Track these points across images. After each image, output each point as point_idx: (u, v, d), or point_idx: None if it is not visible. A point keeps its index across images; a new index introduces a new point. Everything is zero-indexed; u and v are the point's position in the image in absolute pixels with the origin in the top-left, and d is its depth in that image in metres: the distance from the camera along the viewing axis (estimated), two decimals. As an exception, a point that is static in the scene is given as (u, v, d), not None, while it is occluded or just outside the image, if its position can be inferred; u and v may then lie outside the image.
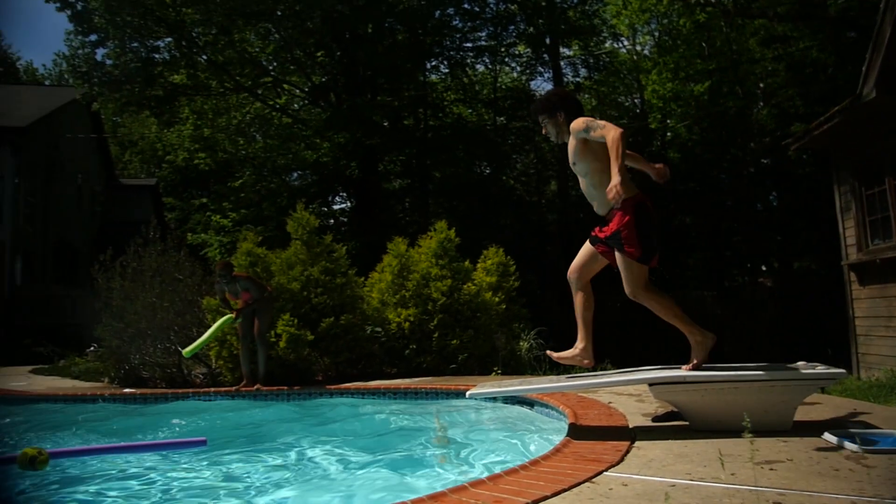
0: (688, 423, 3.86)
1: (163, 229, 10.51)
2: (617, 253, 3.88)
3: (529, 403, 5.60)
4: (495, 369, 8.32)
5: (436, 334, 8.86)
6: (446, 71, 23.56)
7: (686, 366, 3.89)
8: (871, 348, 8.53)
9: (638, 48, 24.81)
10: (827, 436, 3.39)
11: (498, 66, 24.68)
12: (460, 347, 8.80)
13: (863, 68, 8.29)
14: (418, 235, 10.14)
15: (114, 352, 8.85)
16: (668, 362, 4.41)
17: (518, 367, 8.62)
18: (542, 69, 24.20)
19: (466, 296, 9.18)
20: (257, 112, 22.04)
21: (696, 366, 3.87)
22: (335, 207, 24.76)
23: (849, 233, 9.02)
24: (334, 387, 7.49)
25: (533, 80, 24.74)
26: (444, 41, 22.31)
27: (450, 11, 21.73)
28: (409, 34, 21.44)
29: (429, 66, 22.82)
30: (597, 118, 4.09)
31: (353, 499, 3.54)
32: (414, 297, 9.09)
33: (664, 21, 20.35)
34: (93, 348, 10.57)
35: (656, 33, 22.29)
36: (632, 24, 18.48)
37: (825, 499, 2.46)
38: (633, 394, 5.43)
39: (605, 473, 2.94)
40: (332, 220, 23.45)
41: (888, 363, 7.80)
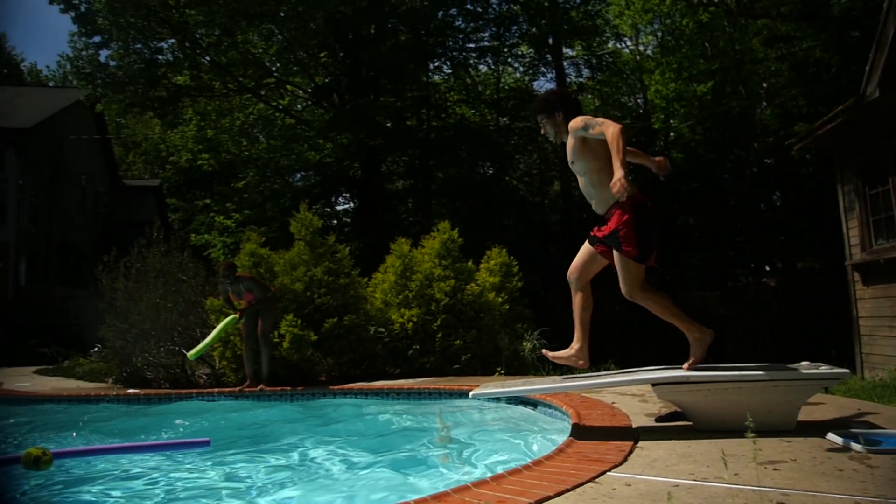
0: (691, 423, 3.85)
1: (166, 230, 10.55)
2: (614, 252, 3.88)
3: (533, 404, 5.60)
4: (498, 370, 8.32)
5: (439, 335, 8.86)
6: (449, 71, 23.55)
7: (685, 363, 3.89)
8: (875, 348, 8.51)
9: (641, 48, 24.77)
10: (831, 436, 3.39)
11: (501, 66, 24.66)
12: (463, 348, 8.80)
13: (866, 68, 8.28)
14: (421, 236, 10.14)
15: (118, 352, 8.87)
16: (667, 362, 4.41)
17: (521, 367, 8.62)
18: (545, 70, 24.17)
19: (469, 296, 9.18)
20: (260, 113, 22.04)
21: (696, 362, 3.88)
22: (338, 208, 24.77)
23: (852, 233, 9.00)
24: (338, 387, 7.50)
25: (536, 80, 24.75)
26: (446, 42, 22.30)
27: (452, 12, 21.72)
28: (412, 35, 21.44)
29: (431, 67, 22.81)
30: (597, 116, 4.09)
31: (356, 499, 3.55)
32: (417, 298, 9.09)
33: (667, 21, 20.31)
34: (97, 349, 10.60)
35: (659, 33, 22.25)
36: (634, 25, 18.45)
37: (829, 499, 2.46)
38: (637, 394, 5.42)
39: (608, 473, 2.94)
40: (335, 221, 23.44)
41: (892, 363, 7.79)
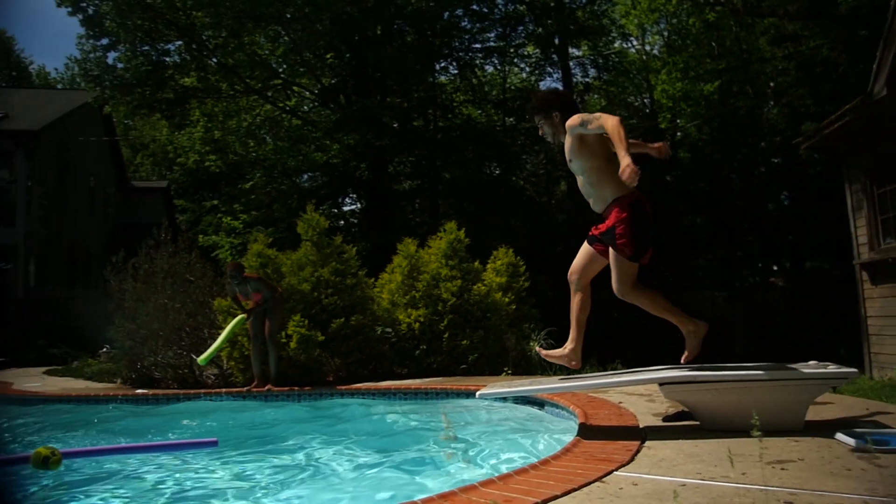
0: (699, 422, 3.85)
1: (174, 231, 10.59)
2: (610, 249, 3.89)
3: (540, 403, 5.60)
4: (505, 370, 8.32)
5: (446, 335, 8.87)
6: (455, 72, 23.56)
7: (682, 357, 3.96)
8: (884, 348, 8.47)
9: (647, 48, 24.75)
10: (839, 435, 3.38)
11: (507, 66, 24.65)
12: (470, 348, 8.81)
13: (873, 66, 8.25)
14: (428, 236, 10.15)
15: (126, 353, 8.92)
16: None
17: (528, 367, 8.62)
18: (551, 70, 24.17)
19: (476, 296, 9.18)
20: (267, 114, 22.11)
21: (692, 354, 3.93)
22: (345, 209, 24.76)
23: (860, 232, 8.96)
24: (345, 387, 7.52)
25: (542, 80, 24.69)
26: (452, 42, 22.31)
27: (458, 12, 21.72)
28: (418, 35, 21.46)
29: (438, 68, 22.83)
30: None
31: (363, 498, 3.56)
32: (424, 298, 9.10)
33: (673, 21, 20.30)
34: (105, 349, 10.67)
35: (665, 33, 22.22)
36: (641, 24, 18.46)
37: (837, 498, 2.45)
38: (644, 394, 5.42)
39: (615, 473, 2.94)
40: (342, 222, 23.44)
41: (901, 363, 7.75)
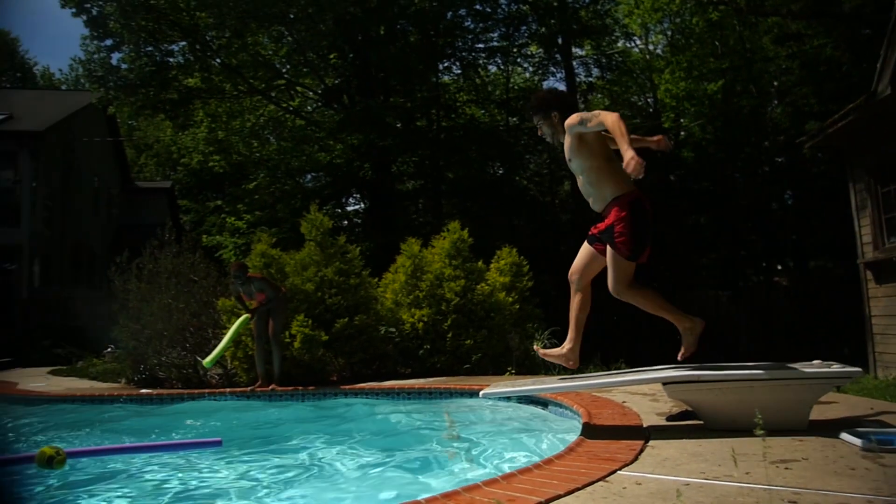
0: (702, 422, 3.85)
1: (178, 231, 10.61)
2: (607, 248, 3.89)
3: (543, 403, 5.61)
4: (509, 369, 8.32)
5: (449, 334, 8.88)
6: (458, 72, 23.54)
7: (679, 354, 3.97)
8: (889, 347, 8.45)
9: (651, 47, 24.73)
10: (843, 435, 3.37)
11: (510, 66, 24.63)
12: (474, 347, 8.81)
13: (877, 65, 8.23)
14: (431, 236, 10.16)
15: (130, 353, 8.93)
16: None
17: (532, 366, 8.62)
18: (555, 69, 24.13)
19: (480, 296, 9.19)
20: (271, 114, 22.13)
21: (688, 351, 3.94)
22: (349, 209, 24.78)
23: (864, 231, 8.94)
24: (349, 387, 7.53)
25: (545, 80, 24.66)
26: (456, 42, 22.30)
27: (462, 12, 21.72)
28: (422, 35, 21.46)
29: (441, 67, 22.80)
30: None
31: (367, 498, 3.57)
32: (427, 298, 9.11)
33: (677, 20, 20.26)
34: (110, 350, 10.70)
35: (669, 32, 22.19)
36: (644, 24, 18.40)
37: (841, 498, 2.45)
38: (647, 393, 5.41)
39: (618, 472, 2.94)
40: (345, 222, 23.47)
41: (906, 362, 7.74)
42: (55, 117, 19.61)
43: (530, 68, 25.02)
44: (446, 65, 23.12)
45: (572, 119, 3.87)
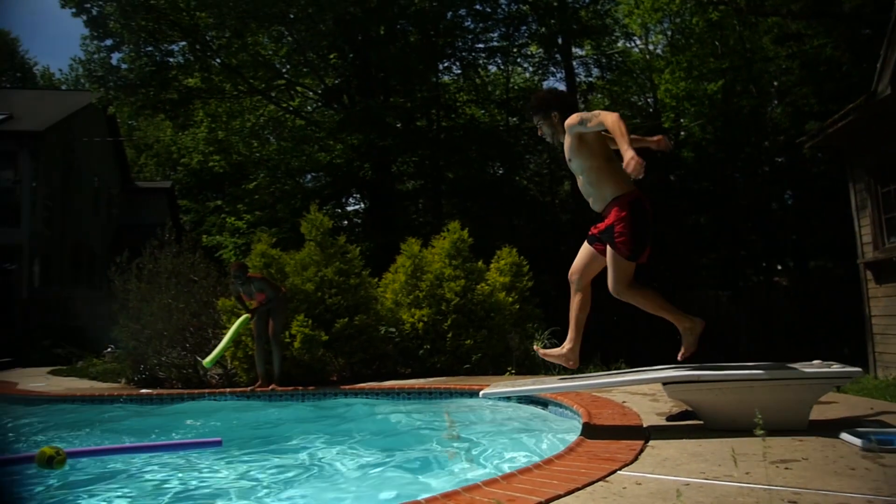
0: (702, 422, 3.85)
1: (178, 231, 10.60)
2: (607, 248, 3.89)
3: (543, 403, 5.61)
4: (509, 369, 8.32)
5: (449, 334, 8.88)
6: (458, 72, 23.55)
7: (679, 354, 3.97)
8: (889, 347, 8.45)
9: (651, 47, 24.73)
10: (843, 435, 3.37)
11: (510, 66, 24.63)
12: (474, 347, 8.81)
13: (877, 65, 8.23)
14: (431, 236, 10.16)
15: (130, 353, 8.93)
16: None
17: (532, 367, 8.62)
18: (555, 69, 24.13)
19: (480, 296, 9.19)
20: (271, 114, 22.13)
21: (688, 351, 3.95)
22: (349, 209, 24.79)
23: (864, 231, 8.94)
24: (349, 387, 7.53)
25: (545, 80, 24.66)
26: (456, 42, 22.30)
27: (462, 12, 21.72)
28: (422, 35, 21.46)
29: (441, 67, 22.80)
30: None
31: (367, 498, 3.57)
32: (427, 298, 9.11)
33: (677, 20, 20.26)
34: (110, 350, 10.70)
35: (669, 32, 22.18)
36: (644, 24, 18.39)
37: (841, 498, 2.45)
38: (647, 393, 5.41)
39: (618, 472, 2.94)
40: (345, 222, 23.47)
41: (906, 362, 7.73)
42: (55, 117, 19.62)
43: (530, 68, 25.03)
44: (446, 65, 23.14)
45: (572, 119, 3.87)
